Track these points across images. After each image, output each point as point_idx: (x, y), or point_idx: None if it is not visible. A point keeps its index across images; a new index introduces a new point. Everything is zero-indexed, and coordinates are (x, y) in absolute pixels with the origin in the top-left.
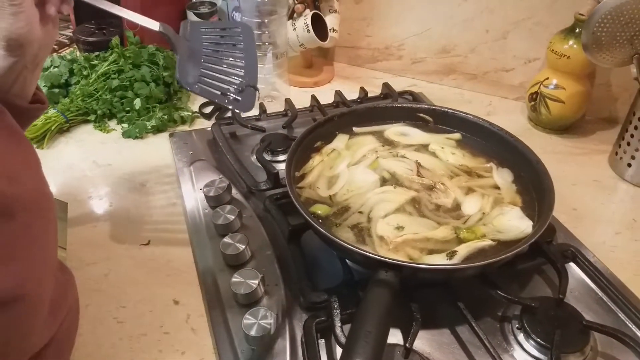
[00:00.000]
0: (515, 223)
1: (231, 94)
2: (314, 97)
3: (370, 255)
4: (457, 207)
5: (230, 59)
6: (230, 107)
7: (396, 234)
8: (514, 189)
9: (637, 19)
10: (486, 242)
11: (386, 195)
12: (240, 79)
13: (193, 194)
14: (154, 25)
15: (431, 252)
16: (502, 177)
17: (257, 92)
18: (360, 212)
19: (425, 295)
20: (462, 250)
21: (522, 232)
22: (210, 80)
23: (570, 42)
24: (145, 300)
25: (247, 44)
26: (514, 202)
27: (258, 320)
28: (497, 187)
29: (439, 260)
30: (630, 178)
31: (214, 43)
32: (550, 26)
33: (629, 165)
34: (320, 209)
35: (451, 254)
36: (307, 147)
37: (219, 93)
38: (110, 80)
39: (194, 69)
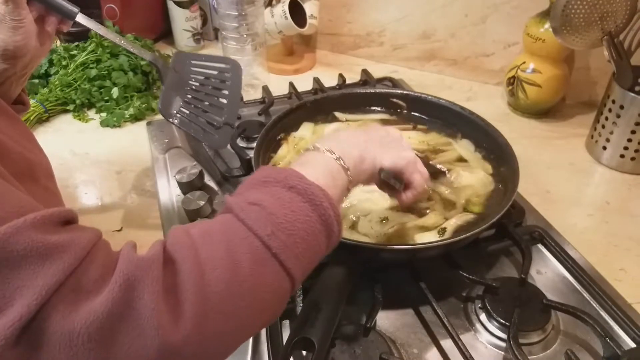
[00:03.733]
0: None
1: (208, 129)
2: (291, 84)
3: None
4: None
5: (214, 95)
6: (205, 142)
7: (383, 226)
8: (479, 156)
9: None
10: (471, 215)
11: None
12: (219, 116)
13: (167, 181)
14: (146, 55)
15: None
16: (464, 147)
17: (233, 130)
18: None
19: (390, 276)
20: (450, 226)
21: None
22: (190, 113)
23: (546, 26)
24: None
25: (233, 82)
26: (486, 170)
27: None
28: (463, 160)
29: (431, 237)
30: (605, 161)
31: (201, 77)
32: (529, 10)
33: (604, 148)
34: None
35: (442, 231)
36: (278, 134)
37: (196, 126)
38: (88, 70)
39: (176, 100)
